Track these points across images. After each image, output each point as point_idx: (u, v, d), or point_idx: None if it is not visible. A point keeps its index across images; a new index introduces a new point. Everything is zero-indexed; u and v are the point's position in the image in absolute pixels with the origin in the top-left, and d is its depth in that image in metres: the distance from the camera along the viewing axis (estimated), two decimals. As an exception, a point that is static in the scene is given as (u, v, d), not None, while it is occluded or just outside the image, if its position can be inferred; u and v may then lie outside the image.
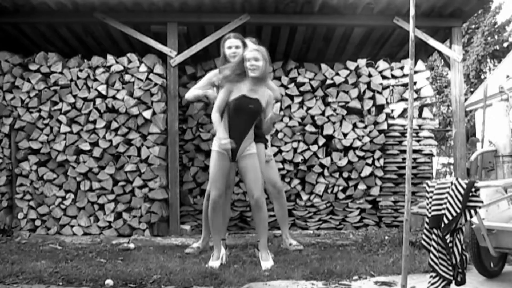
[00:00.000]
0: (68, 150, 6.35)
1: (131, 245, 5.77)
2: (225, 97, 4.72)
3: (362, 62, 6.84)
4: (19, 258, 5.11)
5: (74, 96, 6.40)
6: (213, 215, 4.82)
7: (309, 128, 6.70)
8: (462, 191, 3.33)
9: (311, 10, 6.41)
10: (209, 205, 4.82)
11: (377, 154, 6.70)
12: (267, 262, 4.70)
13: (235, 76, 4.71)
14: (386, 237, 5.66)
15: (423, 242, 3.53)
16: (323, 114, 6.74)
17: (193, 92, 5.36)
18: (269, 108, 4.82)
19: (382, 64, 6.88)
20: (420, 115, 6.83)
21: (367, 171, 6.67)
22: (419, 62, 6.91)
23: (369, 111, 6.79)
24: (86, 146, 6.34)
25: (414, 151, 6.67)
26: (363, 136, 6.70)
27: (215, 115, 4.71)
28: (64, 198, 6.38)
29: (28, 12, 6.39)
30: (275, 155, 6.54)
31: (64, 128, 6.37)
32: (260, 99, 4.73)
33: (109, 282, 4.18)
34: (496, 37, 25.93)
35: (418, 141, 6.76)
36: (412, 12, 3.28)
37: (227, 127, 4.72)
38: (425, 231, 3.51)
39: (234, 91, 4.70)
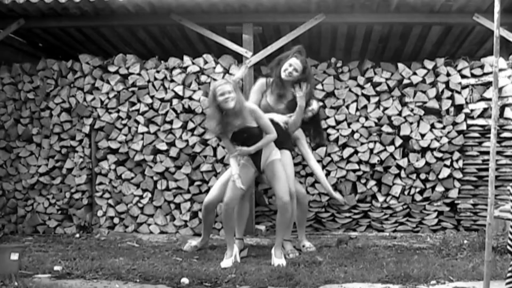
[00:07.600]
0: (146, 149, 6.49)
1: (207, 244, 5.83)
2: (229, 142, 5.17)
3: (440, 61, 6.63)
4: (98, 254, 5.29)
5: (152, 97, 6.53)
6: (225, 216, 5.14)
7: (386, 128, 6.56)
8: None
9: (387, 9, 6.28)
10: (222, 207, 5.13)
11: (456, 155, 6.48)
12: (279, 259, 4.96)
13: (220, 127, 5.07)
14: (465, 241, 5.52)
15: (508, 247, 3.41)
16: (400, 114, 6.57)
17: None
18: (263, 121, 5.10)
19: (461, 63, 6.64)
20: (501, 115, 6.57)
21: (445, 172, 6.47)
22: (501, 59, 6.61)
23: (447, 111, 6.58)
24: (163, 146, 6.45)
25: (495, 153, 6.41)
26: (441, 137, 6.49)
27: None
28: (141, 197, 6.53)
29: (108, 16, 6.54)
30: (351, 155, 6.51)
31: (141, 128, 6.50)
32: (246, 123, 5.03)
33: (184, 280, 4.27)
34: None
35: (499, 142, 6.48)
36: (497, 8, 3.17)
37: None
38: (510, 235, 3.38)
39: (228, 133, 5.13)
